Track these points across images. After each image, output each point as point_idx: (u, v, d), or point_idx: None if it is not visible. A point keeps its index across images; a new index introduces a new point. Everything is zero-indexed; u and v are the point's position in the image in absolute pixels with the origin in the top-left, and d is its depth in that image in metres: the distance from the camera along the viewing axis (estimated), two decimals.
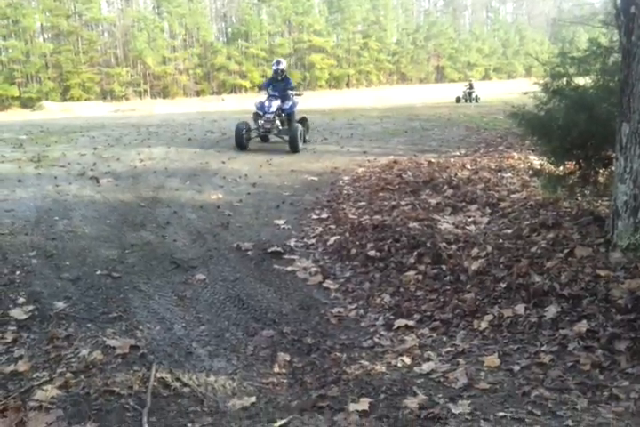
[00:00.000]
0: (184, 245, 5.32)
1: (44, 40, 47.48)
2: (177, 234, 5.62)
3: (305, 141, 11.04)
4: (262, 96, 10.89)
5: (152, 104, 38.13)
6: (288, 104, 10.51)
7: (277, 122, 10.27)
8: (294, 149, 10.06)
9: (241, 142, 10.27)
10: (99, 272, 4.58)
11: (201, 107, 29.99)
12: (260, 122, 10.23)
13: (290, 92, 10.61)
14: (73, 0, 46.43)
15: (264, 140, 10.93)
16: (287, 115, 10.51)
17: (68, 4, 46.66)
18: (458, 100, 27.48)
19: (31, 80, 44.51)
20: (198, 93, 50.72)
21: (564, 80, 4.99)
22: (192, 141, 11.90)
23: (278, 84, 10.58)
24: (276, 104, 10.22)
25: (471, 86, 28.11)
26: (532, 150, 8.51)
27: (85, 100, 42.89)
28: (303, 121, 11.17)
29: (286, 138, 10.16)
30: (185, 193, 7.27)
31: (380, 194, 6.80)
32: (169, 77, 49.72)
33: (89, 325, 3.68)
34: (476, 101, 26.93)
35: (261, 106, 10.35)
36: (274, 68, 10.73)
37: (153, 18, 50.47)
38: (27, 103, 41.17)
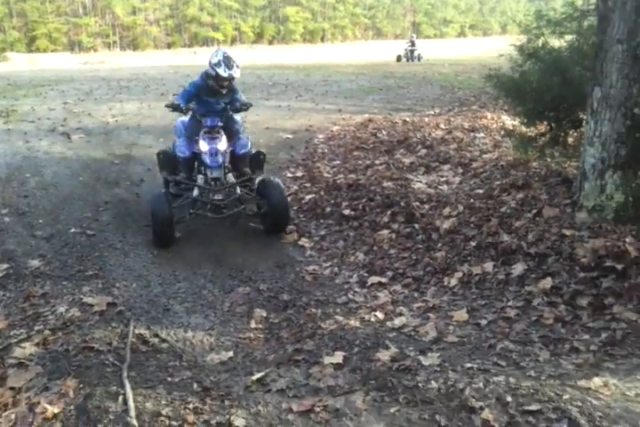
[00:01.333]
0: None
1: None
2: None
3: None
4: (179, 120, 5.35)
5: (121, 56, 37.02)
6: (242, 143, 5.12)
7: (237, 188, 4.86)
8: (278, 229, 4.81)
9: (167, 235, 4.49)
10: (73, 230, 4.58)
11: (172, 60, 29.19)
12: (197, 190, 4.79)
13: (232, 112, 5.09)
14: None
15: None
16: (238, 158, 5.13)
17: None
18: (399, 58, 25.33)
19: None
20: (169, 46, 49.20)
21: (540, 42, 4.99)
22: (165, 97, 11.65)
23: (215, 101, 4.93)
24: (223, 146, 4.83)
25: (413, 44, 25.75)
26: (505, 110, 8.56)
27: (52, 51, 41.37)
28: (259, 159, 5.30)
29: (256, 211, 4.92)
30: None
31: (355, 153, 6.82)
32: (139, 28, 48.00)
33: (65, 283, 3.71)
34: (419, 60, 25.02)
35: (186, 150, 4.95)
36: (223, 73, 4.60)
37: None
38: None
